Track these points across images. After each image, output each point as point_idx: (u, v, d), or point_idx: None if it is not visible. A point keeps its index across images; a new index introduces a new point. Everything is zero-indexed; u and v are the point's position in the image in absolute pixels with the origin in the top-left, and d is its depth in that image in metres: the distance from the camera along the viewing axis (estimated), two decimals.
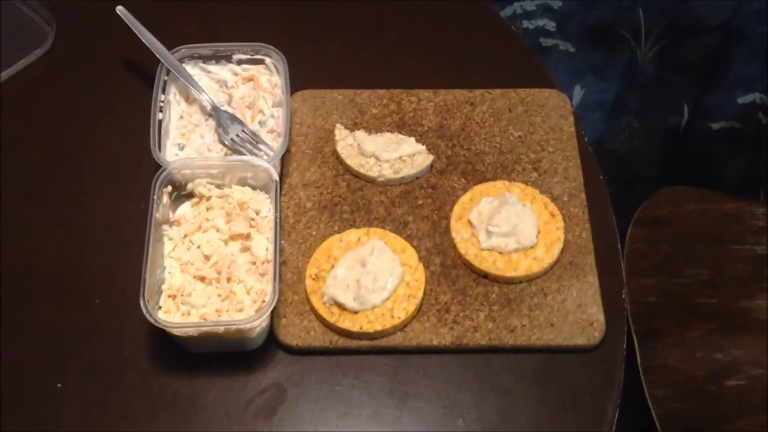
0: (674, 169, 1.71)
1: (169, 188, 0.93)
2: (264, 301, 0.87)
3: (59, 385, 0.87)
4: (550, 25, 1.49)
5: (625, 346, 0.91)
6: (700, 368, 1.19)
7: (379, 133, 1.04)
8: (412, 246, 0.95)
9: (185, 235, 0.92)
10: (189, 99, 1.04)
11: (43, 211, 0.99)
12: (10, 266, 0.95)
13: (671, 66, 1.53)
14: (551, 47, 1.52)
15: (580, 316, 0.91)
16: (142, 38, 1.04)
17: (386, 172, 1.00)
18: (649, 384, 1.18)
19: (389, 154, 1.01)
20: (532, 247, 0.94)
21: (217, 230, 0.93)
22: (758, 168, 1.65)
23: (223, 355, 0.89)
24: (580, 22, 1.48)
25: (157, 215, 0.90)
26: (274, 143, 1.00)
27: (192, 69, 1.05)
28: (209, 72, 1.05)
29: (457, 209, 0.98)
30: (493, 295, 0.93)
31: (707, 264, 1.30)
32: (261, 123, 1.02)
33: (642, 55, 1.52)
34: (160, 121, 0.99)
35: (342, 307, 0.90)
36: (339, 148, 1.02)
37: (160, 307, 0.88)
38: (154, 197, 0.91)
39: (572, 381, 0.89)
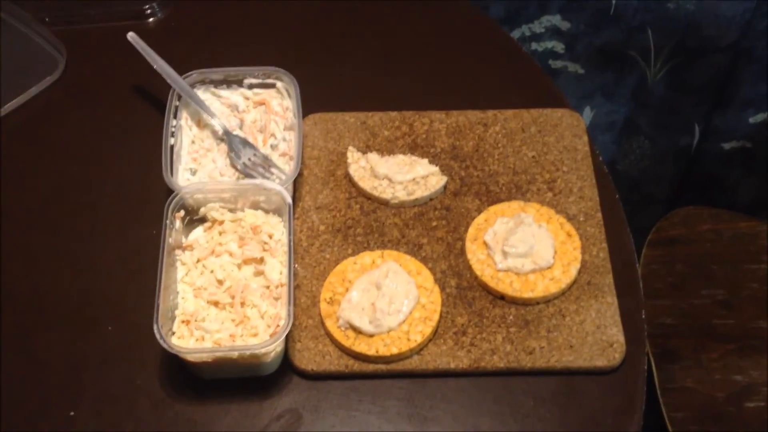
0: (686, 189, 1.70)
1: (182, 213, 0.93)
2: (278, 326, 0.86)
3: (72, 413, 0.86)
4: (559, 47, 1.49)
5: (645, 367, 0.90)
6: (719, 390, 1.18)
7: (391, 155, 1.03)
8: (428, 268, 0.94)
9: (198, 260, 0.92)
10: (200, 124, 1.04)
11: (54, 238, 0.98)
12: (22, 293, 0.94)
13: (681, 86, 1.52)
14: (560, 69, 1.52)
15: (599, 337, 0.90)
16: (153, 64, 1.04)
17: (399, 194, 0.99)
18: (668, 406, 1.16)
19: (402, 176, 1.00)
20: (549, 268, 0.93)
21: (231, 254, 0.92)
22: None
23: (237, 381, 0.88)
24: (588, 44, 1.48)
25: (170, 240, 0.90)
26: (286, 167, 1.00)
27: (203, 94, 1.05)
28: (220, 96, 1.05)
29: (471, 230, 0.97)
30: (511, 317, 0.92)
31: (723, 284, 1.28)
32: (273, 147, 1.02)
33: (652, 76, 1.52)
34: (172, 146, 0.98)
35: (357, 331, 0.89)
36: (351, 171, 1.01)
37: (173, 333, 0.87)
38: (167, 222, 0.90)
39: (593, 403, 0.87)
